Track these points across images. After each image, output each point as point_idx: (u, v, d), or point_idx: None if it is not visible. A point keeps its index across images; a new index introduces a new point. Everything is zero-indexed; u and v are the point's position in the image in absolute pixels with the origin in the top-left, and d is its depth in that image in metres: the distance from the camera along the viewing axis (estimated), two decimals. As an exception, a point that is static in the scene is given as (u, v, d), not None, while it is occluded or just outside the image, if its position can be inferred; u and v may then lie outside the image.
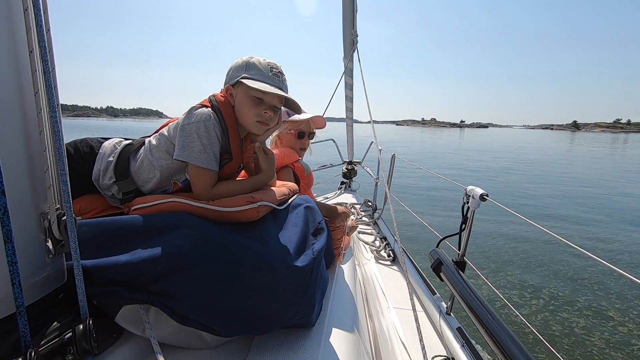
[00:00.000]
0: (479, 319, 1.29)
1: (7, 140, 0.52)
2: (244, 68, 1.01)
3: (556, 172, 14.14)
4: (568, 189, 10.14)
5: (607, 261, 1.04)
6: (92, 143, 1.04)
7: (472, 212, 1.70)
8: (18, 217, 0.55)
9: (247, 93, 1.00)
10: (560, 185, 10.65)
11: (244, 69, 1.01)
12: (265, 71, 1.01)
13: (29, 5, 0.54)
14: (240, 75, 0.99)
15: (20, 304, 0.53)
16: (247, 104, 1.00)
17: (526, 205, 7.81)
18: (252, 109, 1.00)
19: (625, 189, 10.25)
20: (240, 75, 1.00)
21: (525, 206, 7.73)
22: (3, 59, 0.52)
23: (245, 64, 1.02)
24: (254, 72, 1.00)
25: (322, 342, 0.82)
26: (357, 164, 4.52)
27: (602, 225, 6.35)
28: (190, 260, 0.68)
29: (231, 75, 1.03)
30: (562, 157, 21.62)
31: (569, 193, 9.44)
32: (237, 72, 1.02)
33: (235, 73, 1.02)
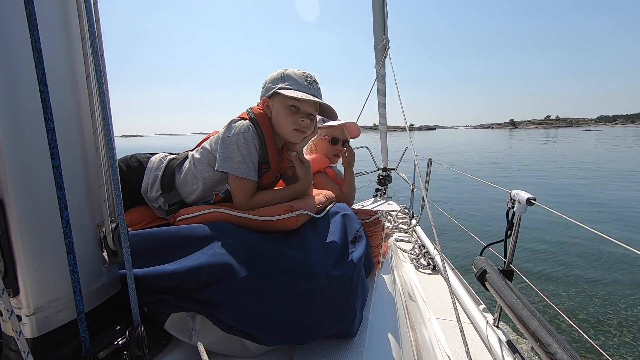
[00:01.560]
0: (531, 331, 1.21)
1: (68, 158, 0.57)
2: (279, 80, 1.04)
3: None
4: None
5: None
6: (141, 158, 1.10)
7: (518, 217, 1.61)
8: (77, 229, 0.59)
9: (284, 102, 1.03)
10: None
11: (280, 80, 1.04)
12: (300, 80, 1.03)
13: (85, 33, 0.58)
14: (277, 87, 1.02)
15: (80, 311, 0.57)
16: (283, 113, 1.03)
17: (575, 209, 7.29)
18: (288, 118, 1.03)
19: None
20: (276, 86, 1.03)
21: (574, 209, 7.22)
22: (64, 83, 0.56)
23: (280, 75, 1.05)
24: (289, 82, 1.03)
25: (364, 352, 0.80)
26: (392, 170, 4.45)
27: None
28: (232, 269, 0.69)
29: (267, 87, 1.07)
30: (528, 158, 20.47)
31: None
32: (273, 84, 1.05)
33: (271, 85, 1.05)
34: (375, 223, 1.19)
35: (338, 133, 1.76)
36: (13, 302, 0.55)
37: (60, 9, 0.55)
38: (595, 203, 7.79)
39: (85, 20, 0.58)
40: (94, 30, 0.59)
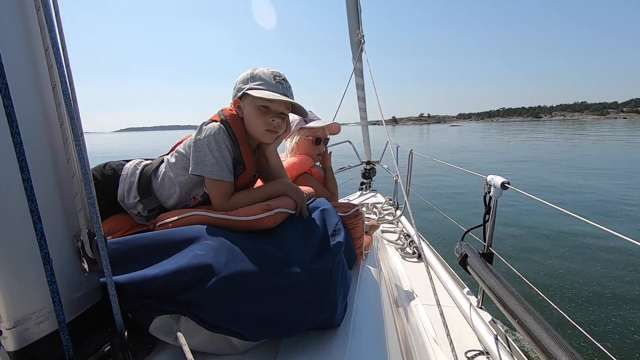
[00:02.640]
0: (510, 310, 1.27)
1: (39, 169, 0.57)
2: (248, 80, 1.04)
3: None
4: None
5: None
6: (115, 166, 1.10)
7: (494, 201, 1.66)
8: (53, 239, 0.59)
9: (254, 103, 1.03)
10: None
11: (249, 80, 1.04)
12: (269, 80, 1.03)
13: (48, 44, 0.58)
14: (246, 87, 1.03)
15: (61, 320, 0.57)
16: (254, 114, 1.03)
17: (548, 192, 7.56)
18: (259, 118, 1.03)
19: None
20: (245, 87, 1.03)
21: (547, 193, 7.47)
22: (30, 95, 0.56)
23: (249, 75, 1.05)
24: (258, 82, 1.03)
25: (348, 341, 0.83)
26: (375, 163, 4.50)
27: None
28: (213, 269, 0.71)
29: (238, 88, 1.07)
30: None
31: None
32: (242, 84, 1.05)
33: (241, 85, 1.06)
34: (355, 215, 1.22)
35: (320, 133, 1.79)
36: (-8, 316, 0.55)
37: (21, 21, 0.55)
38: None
39: (47, 31, 0.58)
40: (57, 41, 0.59)
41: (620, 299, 3.17)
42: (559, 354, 1.03)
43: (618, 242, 4.29)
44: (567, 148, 20.35)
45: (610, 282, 3.49)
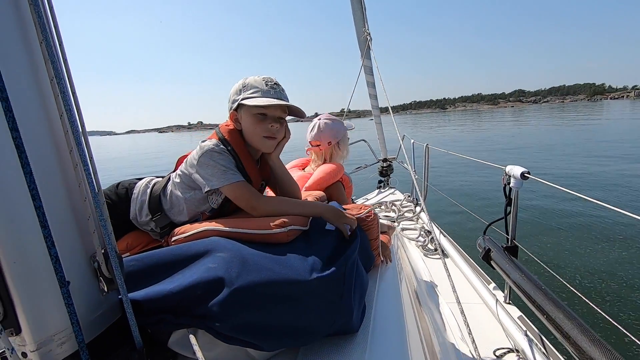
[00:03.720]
0: (538, 305, 1.22)
1: (50, 196, 0.59)
2: (241, 90, 1.05)
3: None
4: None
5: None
6: (127, 185, 1.13)
7: (515, 192, 1.61)
8: (71, 262, 0.61)
9: (250, 112, 1.03)
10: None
11: (242, 90, 1.05)
12: (261, 86, 1.03)
13: (52, 76, 0.61)
14: (240, 98, 1.03)
15: (80, 341, 0.59)
16: (252, 122, 1.04)
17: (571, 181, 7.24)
18: (257, 127, 1.04)
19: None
20: (239, 97, 1.04)
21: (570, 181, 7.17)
22: (38, 125, 0.59)
23: (241, 86, 1.05)
24: (251, 90, 1.03)
25: (367, 346, 0.82)
26: (392, 160, 4.44)
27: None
28: (226, 282, 0.71)
29: (232, 100, 1.07)
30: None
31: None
32: (236, 96, 1.06)
33: (234, 97, 1.06)
34: (368, 217, 1.20)
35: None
36: (17, 340, 0.57)
37: (26, 54, 0.57)
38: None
39: (51, 63, 0.60)
40: (62, 72, 0.61)
41: None
42: (593, 351, 0.98)
43: None
44: (471, 134, 23.30)
45: None
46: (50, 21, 0.61)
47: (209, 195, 1.03)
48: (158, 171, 3.09)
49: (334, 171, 1.67)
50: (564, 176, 7.68)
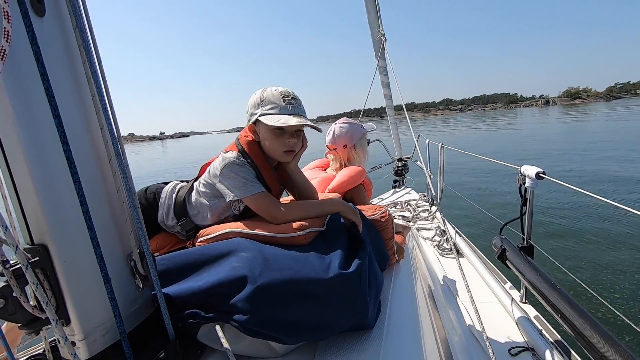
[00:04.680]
0: (553, 304, 1.23)
1: (94, 201, 0.65)
2: (259, 104, 1.07)
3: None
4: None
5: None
6: (154, 190, 1.20)
7: (530, 192, 1.61)
8: (111, 261, 0.68)
9: (268, 128, 1.05)
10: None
11: (259, 105, 1.06)
12: (279, 102, 1.05)
13: (94, 92, 0.67)
14: (258, 113, 1.06)
15: (122, 332, 0.66)
16: (270, 137, 1.07)
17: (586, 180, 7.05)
18: (276, 142, 1.07)
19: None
20: (257, 112, 1.06)
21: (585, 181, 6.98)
22: (84, 140, 0.65)
23: (259, 100, 1.07)
24: (268, 106, 1.05)
25: (382, 342, 0.86)
26: (407, 160, 4.43)
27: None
28: (250, 279, 0.77)
29: (250, 113, 1.10)
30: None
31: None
32: (254, 110, 1.08)
33: (252, 111, 1.09)
34: (383, 217, 1.24)
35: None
36: (67, 330, 0.64)
37: (71, 74, 0.64)
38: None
39: (93, 81, 0.67)
40: (102, 88, 0.67)
41: None
42: (607, 350, 0.99)
43: None
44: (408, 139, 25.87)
45: None
46: (90, 42, 0.68)
47: (232, 203, 1.09)
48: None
49: (357, 174, 1.71)
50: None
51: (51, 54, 0.60)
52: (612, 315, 1.10)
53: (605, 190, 6.22)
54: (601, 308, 2.16)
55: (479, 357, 1.32)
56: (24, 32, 0.55)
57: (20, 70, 0.55)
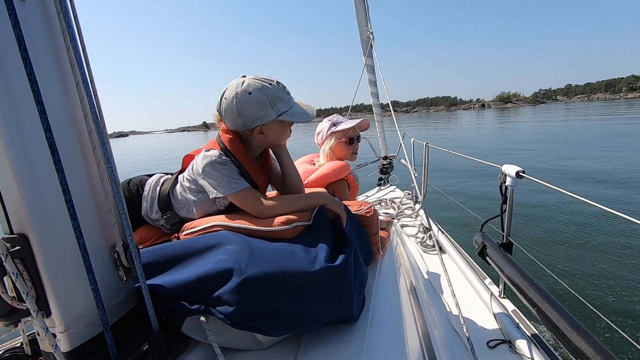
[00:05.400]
0: (530, 299, 1.28)
1: (77, 191, 0.64)
2: (269, 105, 1.02)
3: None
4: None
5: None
6: (138, 182, 1.18)
7: (510, 191, 1.66)
8: (94, 252, 0.67)
9: (282, 123, 1.07)
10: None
11: (271, 105, 1.02)
12: (284, 96, 1.05)
13: (79, 79, 0.66)
14: (274, 115, 1.03)
15: (105, 323, 0.65)
16: (282, 131, 1.09)
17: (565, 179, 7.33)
18: (284, 132, 1.10)
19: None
20: (272, 113, 1.02)
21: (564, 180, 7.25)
22: (66, 127, 0.64)
23: (269, 100, 1.01)
24: (281, 105, 1.03)
25: (366, 334, 0.88)
26: (392, 158, 4.49)
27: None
28: (236, 272, 0.77)
29: (257, 116, 1.03)
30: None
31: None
32: (264, 111, 1.02)
33: (261, 112, 1.02)
34: (368, 212, 1.26)
35: (351, 132, 1.87)
36: (47, 321, 0.63)
37: (55, 60, 0.62)
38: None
39: (77, 66, 0.65)
40: (86, 76, 0.66)
41: None
42: (580, 343, 1.04)
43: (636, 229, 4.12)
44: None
45: (636, 271, 3.36)
46: (75, 29, 0.66)
47: (216, 199, 1.07)
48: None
49: (340, 168, 1.72)
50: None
51: (34, 38, 0.58)
52: (586, 309, 1.16)
53: (573, 187, 6.49)
54: (575, 302, 2.25)
55: (459, 350, 1.36)
56: (6, 15, 0.53)
57: (2, 54, 0.54)
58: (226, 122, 1.07)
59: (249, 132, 1.07)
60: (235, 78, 1.07)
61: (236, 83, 1.03)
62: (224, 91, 1.05)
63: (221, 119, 1.09)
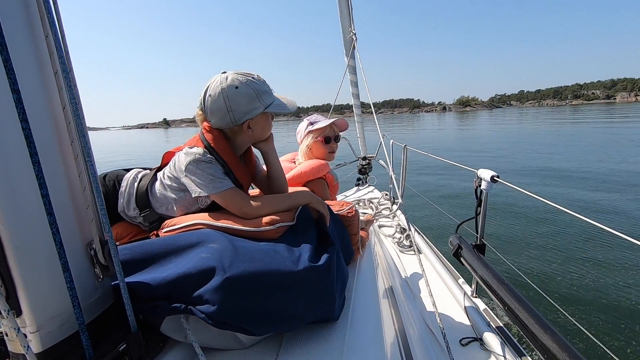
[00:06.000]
0: (501, 298, 1.33)
1: (54, 185, 0.61)
2: (256, 98, 1.02)
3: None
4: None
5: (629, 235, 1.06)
6: (114, 177, 1.14)
7: (485, 194, 1.72)
8: (70, 249, 0.64)
9: (267, 116, 1.08)
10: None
11: (257, 99, 1.02)
12: (268, 88, 1.06)
13: (57, 68, 0.63)
14: (261, 107, 1.03)
15: (81, 323, 0.62)
16: (265, 124, 1.09)
17: (536, 183, 7.71)
18: (268, 125, 1.11)
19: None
20: (259, 106, 1.03)
21: (536, 184, 7.62)
22: (43, 118, 0.61)
23: (255, 93, 1.02)
24: (266, 97, 1.04)
25: (347, 332, 0.89)
26: (371, 159, 4.54)
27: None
28: (219, 271, 0.76)
29: (246, 110, 1.02)
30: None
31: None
32: (252, 105, 1.02)
33: (249, 106, 1.02)
34: (349, 213, 1.27)
35: (328, 131, 1.86)
36: (18, 321, 0.60)
37: (33, 48, 0.59)
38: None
39: (57, 57, 0.62)
40: (65, 65, 0.63)
41: (606, 288, 3.25)
42: (547, 340, 1.09)
43: (599, 231, 4.39)
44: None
45: (597, 271, 3.57)
46: (54, 15, 0.63)
47: (198, 198, 1.04)
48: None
49: (318, 167, 1.73)
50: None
51: (11, 23, 0.55)
52: (553, 308, 1.22)
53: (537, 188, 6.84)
54: (543, 301, 2.37)
55: (433, 347, 1.40)
56: (-19, -3, 0.50)
57: (-24, 38, 0.51)
58: (212, 120, 1.04)
59: (237, 128, 1.05)
60: (215, 75, 1.05)
61: (219, 79, 1.01)
62: (207, 88, 1.03)
63: (205, 118, 1.07)
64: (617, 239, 1.99)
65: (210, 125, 1.06)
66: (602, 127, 22.50)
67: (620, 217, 5.14)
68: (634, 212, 5.25)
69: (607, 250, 3.97)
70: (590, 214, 4.61)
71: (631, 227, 4.70)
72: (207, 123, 1.06)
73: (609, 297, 3.08)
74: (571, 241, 4.34)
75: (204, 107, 1.04)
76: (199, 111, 1.07)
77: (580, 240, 4.32)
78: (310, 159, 1.86)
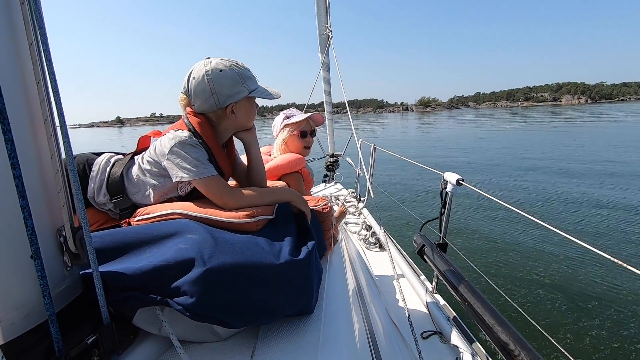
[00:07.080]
0: (460, 294, 1.42)
1: (26, 166, 0.57)
2: (240, 82, 1.02)
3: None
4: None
5: (588, 243, 1.16)
6: (84, 161, 1.07)
7: (450, 197, 1.81)
8: (41, 235, 0.60)
9: (250, 101, 1.07)
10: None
11: (241, 83, 1.02)
12: (253, 77, 1.06)
13: (32, 39, 0.58)
14: (245, 91, 1.03)
15: (51, 313, 0.59)
16: (252, 111, 1.08)
17: (503, 188, 8.21)
18: (253, 112, 1.10)
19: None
20: (243, 90, 1.02)
21: (502, 189, 8.12)
22: (16, 93, 0.56)
23: (239, 77, 1.02)
24: (250, 83, 1.04)
25: (321, 326, 0.91)
26: (339, 156, 4.60)
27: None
28: (198, 262, 0.74)
29: (229, 93, 1.01)
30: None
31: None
32: (236, 88, 1.02)
33: (233, 90, 1.01)
34: (324, 208, 1.29)
35: (304, 126, 1.86)
36: (-24, 312, 0.55)
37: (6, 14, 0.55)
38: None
39: (32, 26, 0.58)
40: (41, 35, 0.59)
41: (556, 283, 3.56)
42: (502, 334, 1.18)
43: (553, 234, 4.78)
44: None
45: (550, 269, 3.90)
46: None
47: (179, 184, 1.01)
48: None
49: (294, 161, 1.73)
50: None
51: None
52: (508, 304, 1.32)
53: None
54: (500, 297, 2.54)
55: (397, 340, 1.46)
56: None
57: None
58: (196, 103, 1.03)
59: (221, 112, 1.04)
60: (199, 60, 1.05)
61: (203, 63, 1.02)
62: (190, 72, 1.02)
63: (189, 102, 1.04)
64: (561, 237, 2.18)
65: (194, 109, 1.04)
66: (551, 129, 24.27)
67: (571, 214, 5.67)
68: (579, 207, 5.80)
69: (556, 248, 4.34)
70: (544, 212, 4.98)
71: (577, 226, 5.17)
72: (191, 108, 1.04)
73: (558, 291, 3.39)
74: (525, 240, 4.69)
75: (187, 91, 1.03)
76: (182, 95, 1.05)
77: (534, 240, 4.68)
78: (286, 152, 1.86)
